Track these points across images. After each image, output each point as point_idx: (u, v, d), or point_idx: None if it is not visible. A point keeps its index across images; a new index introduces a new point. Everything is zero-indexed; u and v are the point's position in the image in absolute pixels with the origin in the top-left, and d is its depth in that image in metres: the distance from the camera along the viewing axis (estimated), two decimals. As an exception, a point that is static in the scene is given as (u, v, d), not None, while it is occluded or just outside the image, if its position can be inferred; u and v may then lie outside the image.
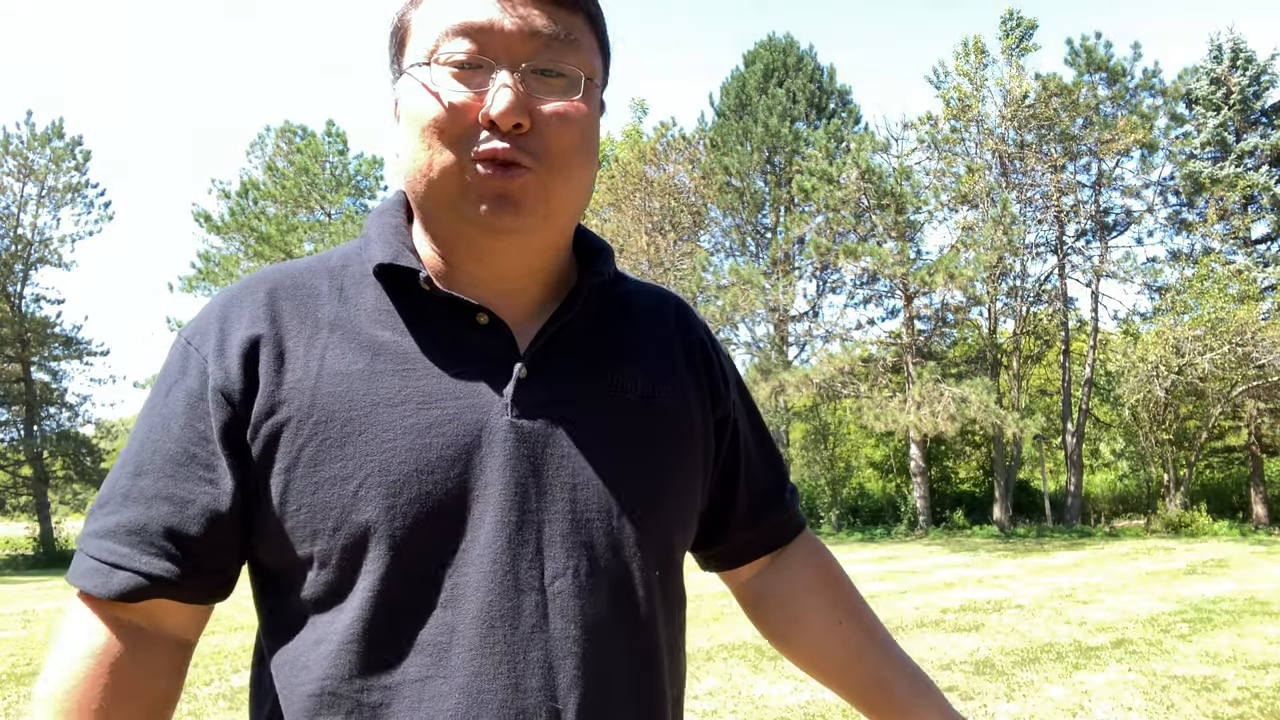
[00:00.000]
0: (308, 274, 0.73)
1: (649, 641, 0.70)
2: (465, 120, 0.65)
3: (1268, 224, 19.89)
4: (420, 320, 0.70)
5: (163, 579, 0.65)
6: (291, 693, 0.65)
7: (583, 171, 0.69)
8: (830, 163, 18.48)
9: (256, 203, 24.92)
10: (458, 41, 0.65)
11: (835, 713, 4.23)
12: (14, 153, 23.89)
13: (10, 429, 24.05)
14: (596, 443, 0.70)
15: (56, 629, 0.68)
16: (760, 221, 23.26)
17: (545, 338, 0.71)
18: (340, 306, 0.70)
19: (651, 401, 0.74)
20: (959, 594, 8.58)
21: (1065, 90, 18.57)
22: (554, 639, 0.64)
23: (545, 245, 0.72)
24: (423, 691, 0.62)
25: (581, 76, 0.67)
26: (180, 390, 0.68)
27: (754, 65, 23.92)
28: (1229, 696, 4.33)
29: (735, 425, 0.84)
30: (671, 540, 0.74)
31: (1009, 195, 18.79)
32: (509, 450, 0.66)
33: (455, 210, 0.67)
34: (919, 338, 19.42)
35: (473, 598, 0.63)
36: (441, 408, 0.67)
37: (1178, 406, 18.44)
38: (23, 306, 24.18)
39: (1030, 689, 4.60)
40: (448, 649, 0.63)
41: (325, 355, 0.68)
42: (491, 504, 0.65)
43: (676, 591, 0.75)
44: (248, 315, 0.69)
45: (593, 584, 0.67)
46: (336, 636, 0.63)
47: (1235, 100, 19.97)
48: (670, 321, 0.82)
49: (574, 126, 0.67)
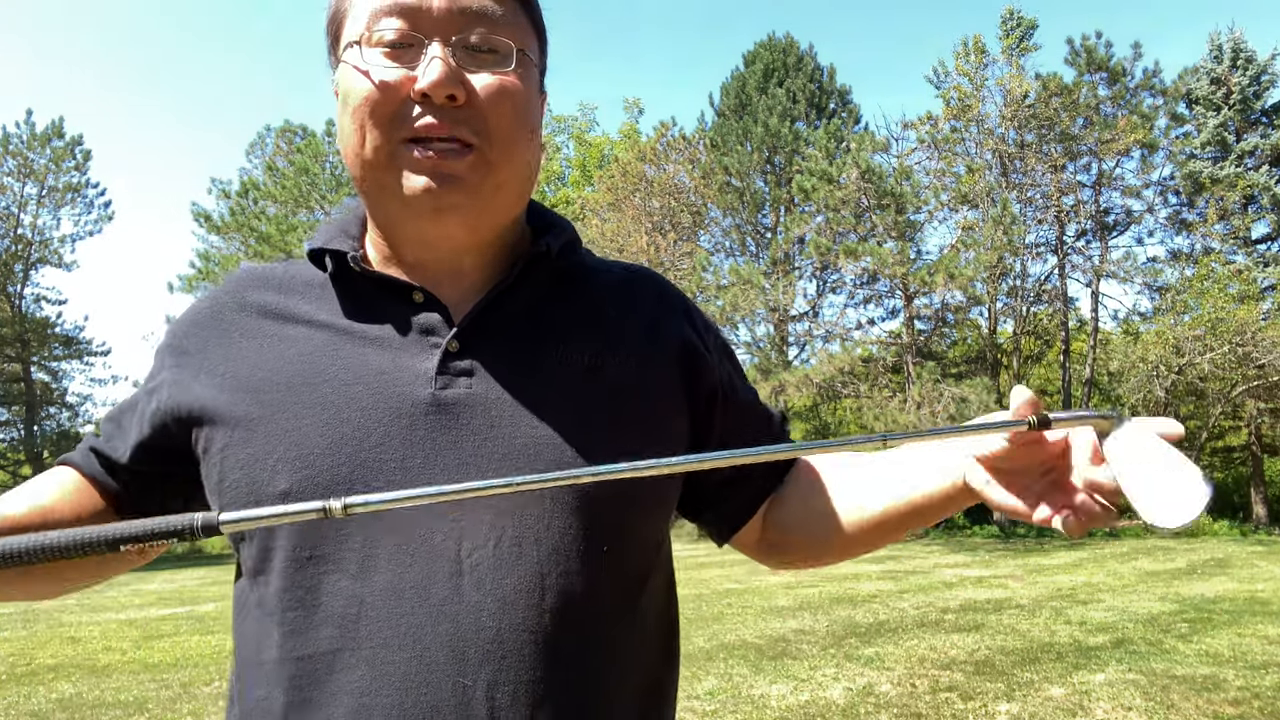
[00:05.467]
0: (261, 271, 0.78)
1: (585, 619, 0.66)
2: (397, 97, 0.65)
3: (1268, 224, 19.89)
4: (355, 302, 0.72)
5: (76, 463, 0.78)
6: (242, 663, 0.68)
7: (525, 148, 0.69)
8: (830, 163, 18.48)
9: (256, 202, 24.93)
10: (388, 21, 0.65)
11: (835, 713, 4.23)
12: (14, 153, 23.91)
13: (10, 429, 24.08)
14: (529, 414, 0.68)
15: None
16: (760, 221, 23.26)
17: (477, 311, 0.71)
18: (281, 297, 0.74)
19: (599, 373, 0.72)
20: (959, 594, 8.58)
21: (1065, 90, 18.56)
22: (466, 612, 0.62)
23: (486, 224, 0.71)
24: (334, 663, 0.62)
25: (514, 48, 0.67)
26: (143, 387, 0.78)
27: (754, 65, 23.92)
28: (1229, 696, 4.33)
29: (726, 394, 0.81)
30: (620, 514, 0.69)
31: (1009, 195, 18.79)
32: (429, 423, 0.66)
33: (389, 191, 0.67)
34: (919, 338, 19.42)
35: (383, 570, 0.63)
36: (364, 384, 0.67)
37: (1178, 406, 18.43)
38: (23, 306, 24.20)
39: (1030, 689, 4.61)
40: (356, 621, 0.62)
41: (260, 341, 0.72)
42: (408, 477, 0.64)
43: (636, 568, 0.71)
44: (193, 317, 0.77)
45: (515, 556, 0.64)
46: (263, 610, 0.66)
47: (1235, 100, 19.98)
48: (639, 296, 0.80)
49: (509, 99, 0.67)
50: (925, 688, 4.67)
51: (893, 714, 4.18)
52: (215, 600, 10.43)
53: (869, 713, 4.21)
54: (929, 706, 4.29)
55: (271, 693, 0.64)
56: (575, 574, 0.65)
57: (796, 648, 5.85)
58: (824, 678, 4.93)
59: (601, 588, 0.67)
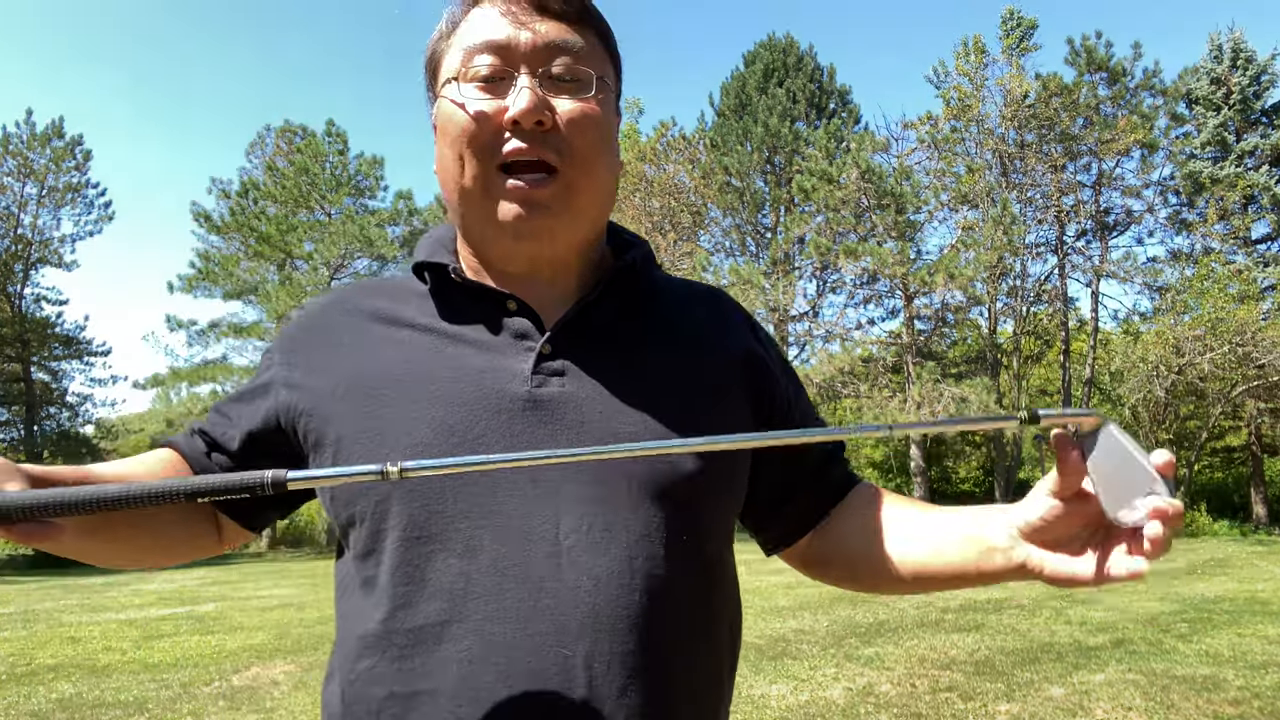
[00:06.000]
0: (371, 281, 0.89)
1: (669, 599, 0.72)
2: (491, 126, 0.73)
3: (1268, 224, 19.89)
4: (455, 309, 0.80)
5: (178, 445, 0.86)
6: (347, 637, 0.74)
7: (605, 169, 0.77)
8: (830, 163, 18.49)
9: (256, 202, 24.89)
10: (481, 58, 0.74)
11: (835, 713, 4.23)
12: (14, 153, 23.91)
13: (10, 429, 24.06)
14: (616, 411, 0.75)
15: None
16: (760, 221, 23.27)
17: (568, 317, 0.78)
18: (390, 304, 0.82)
19: (675, 377, 0.79)
20: (959, 594, 8.58)
21: (1065, 90, 18.57)
22: (565, 589, 0.68)
23: (572, 242, 0.78)
24: (442, 634, 0.68)
25: (594, 76, 0.75)
26: (251, 384, 0.86)
27: (754, 65, 23.93)
28: (1229, 696, 4.33)
29: (788, 404, 0.88)
30: (699, 505, 0.76)
31: (1009, 195, 18.80)
32: (526, 418, 0.73)
33: (485, 216, 0.75)
34: (919, 338, 19.42)
35: (487, 550, 0.69)
36: (467, 382, 0.75)
37: (1178, 406, 18.43)
38: (23, 306, 24.19)
39: (1030, 689, 4.60)
40: (464, 595, 0.69)
41: (369, 342, 0.79)
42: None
43: (710, 555, 0.78)
44: (303, 320, 0.86)
45: (607, 540, 0.70)
46: (374, 586, 0.72)
47: (1235, 100, 19.98)
48: (710, 310, 0.87)
49: (591, 123, 0.75)
50: (925, 688, 4.67)
51: (893, 714, 4.18)
52: (215, 600, 10.44)
53: (869, 713, 4.21)
54: (929, 706, 4.29)
55: (379, 661, 0.70)
56: (659, 558, 0.72)
57: (796, 648, 5.85)
58: (824, 678, 4.93)
59: (681, 571, 0.73)
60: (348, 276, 25.38)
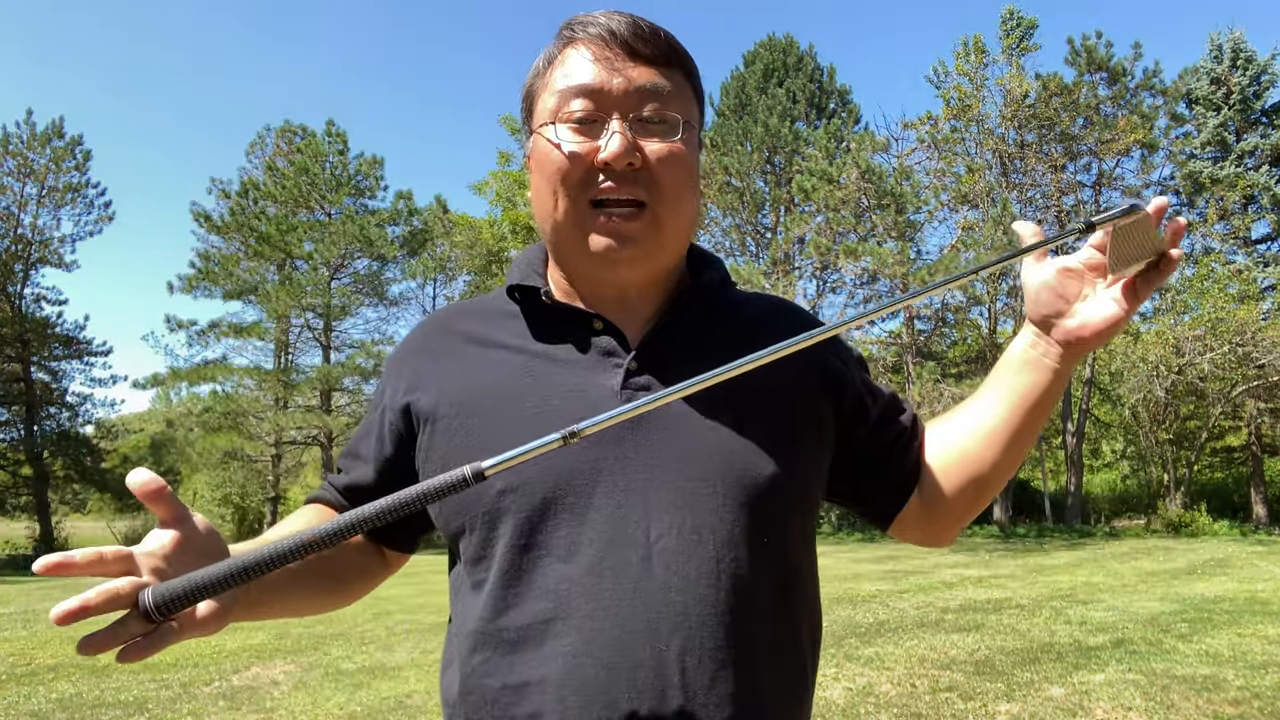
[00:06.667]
0: (464, 304, 0.96)
1: (754, 599, 0.77)
2: (584, 165, 0.79)
3: (1268, 224, 19.90)
4: (546, 329, 0.87)
5: (324, 497, 0.96)
6: (459, 634, 0.82)
7: (689, 204, 0.85)
8: (830, 163, 18.48)
9: (256, 203, 24.87)
10: (576, 102, 0.80)
11: (835, 713, 4.23)
12: (14, 153, 23.89)
13: (10, 429, 24.05)
14: (701, 422, 0.81)
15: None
16: (760, 221, 23.27)
17: (652, 336, 0.85)
18: (483, 326, 0.90)
19: (755, 387, 0.81)
20: (959, 594, 8.58)
21: (1066, 90, 18.57)
22: (657, 589, 0.75)
23: (658, 268, 0.86)
24: (547, 630, 0.75)
25: (681, 121, 0.82)
26: (371, 414, 0.95)
27: (754, 65, 23.92)
28: (1229, 696, 4.33)
29: (866, 396, 0.93)
30: (779, 508, 0.81)
31: (1009, 195, 18.79)
32: (618, 430, 0.79)
33: (576, 247, 0.82)
34: (919, 338, 19.42)
35: (585, 553, 0.76)
36: (561, 398, 0.81)
37: (1178, 406, 18.45)
38: (23, 306, 24.18)
39: (1030, 689, 4.60)
40: (567, 596, 0.76)
41: (467, 362, 0.87)
42: (603, 476, 0.78)
43: (791, 557, 0.83)
44: (407, 345, 0.94)
45: (695, 543, 0.76)
46: (485, 588, 0.79)
47: (1235, 100, 19.99)
48: (785, 322, 0.92)
49: (678, 163, 0.81)
50: (925, 688, 4.67)
51: (893, 714, 4.18)
52: (215, 600, 10.41)
53: (869, 713, 4.21)
54: (929, 706, 4.29)
55: (492, 655, 0.77)
56: (744, 560, 0.78)
57: (796, 648, 5.85)
58: (824, 678, 4.93)
59: (764, 572, 0.79)
60: (347, 276, 25.39)
